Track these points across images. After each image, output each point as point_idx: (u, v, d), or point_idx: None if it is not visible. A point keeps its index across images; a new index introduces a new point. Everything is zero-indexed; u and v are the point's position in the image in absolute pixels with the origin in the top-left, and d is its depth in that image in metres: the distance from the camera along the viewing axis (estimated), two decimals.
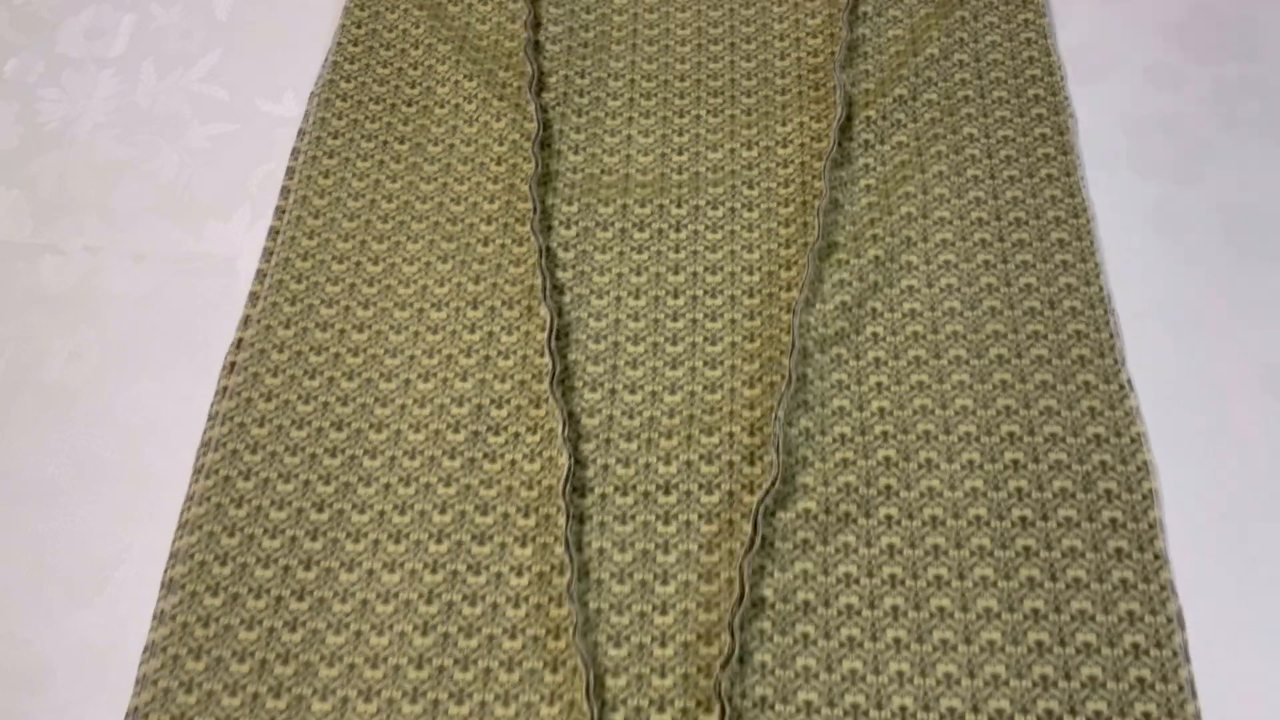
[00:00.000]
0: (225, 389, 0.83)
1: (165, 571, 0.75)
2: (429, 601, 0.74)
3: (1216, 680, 0.68)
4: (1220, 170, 0.90)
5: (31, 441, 0.81)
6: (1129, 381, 0.79)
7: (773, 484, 0.74)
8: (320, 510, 0.77)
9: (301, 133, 0.96)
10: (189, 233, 0.91)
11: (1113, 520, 0.74)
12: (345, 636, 0.72)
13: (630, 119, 0.96)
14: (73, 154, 0.96)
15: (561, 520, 0.74)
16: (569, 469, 0.76)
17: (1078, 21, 1.00)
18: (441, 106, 0.97)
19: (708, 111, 0.96)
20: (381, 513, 0.77)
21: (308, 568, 0.75)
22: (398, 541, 0.76)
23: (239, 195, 0.93)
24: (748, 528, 0.74)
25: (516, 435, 0.79)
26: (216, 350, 0.85)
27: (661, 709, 0.69)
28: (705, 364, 0.83)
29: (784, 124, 0.95)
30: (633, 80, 0.99)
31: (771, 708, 0.68)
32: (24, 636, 0.73)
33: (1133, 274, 0.85)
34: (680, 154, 0.94)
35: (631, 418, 0.80)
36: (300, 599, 0.74)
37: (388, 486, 0.78)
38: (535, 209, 0.88)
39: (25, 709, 0.70)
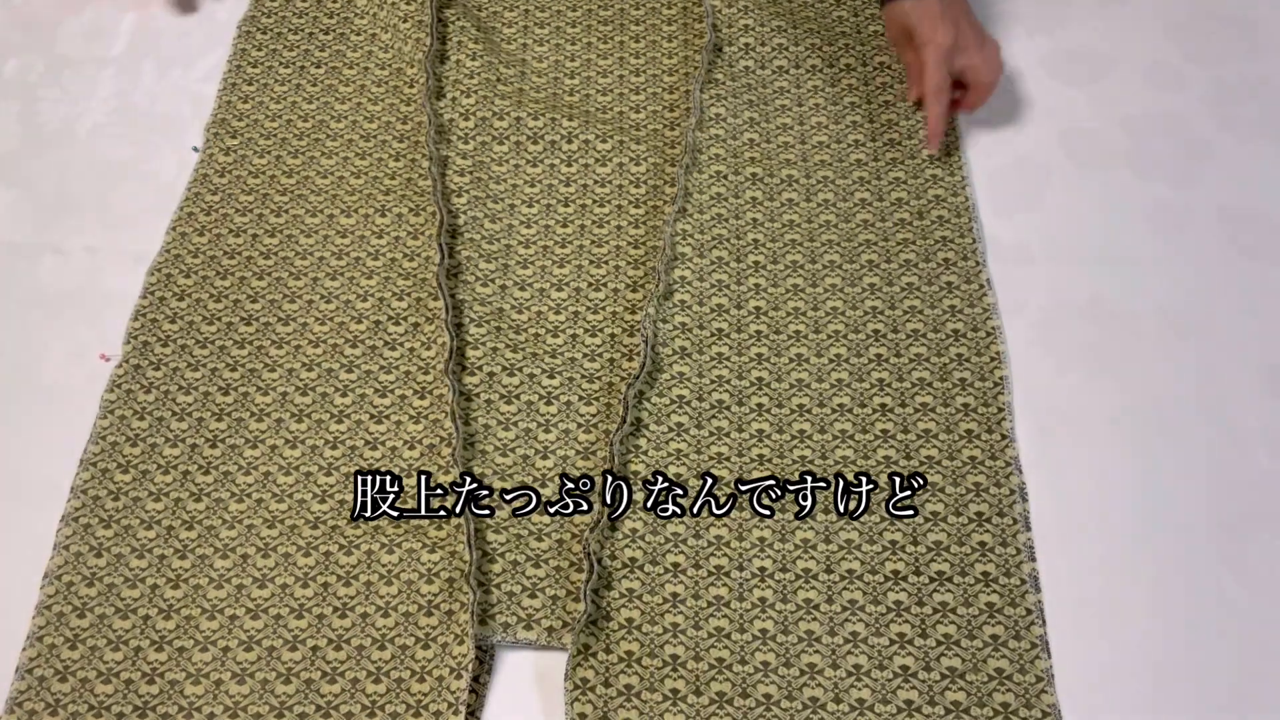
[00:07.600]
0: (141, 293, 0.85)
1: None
2: (328, 474, 0.77)
3: (1228, 687, 0.69)
4: (1220, 170, 0.91)
5: (31, 441, 0.79)
6: (989, 280, 0.84)
7: (641, 369, 0.78)
8: (226, 393, 0.80)
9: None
10: None
11: (965, 405, 0.79)
12: (238, 530, 0.75)
13: (525, 44, 1.00)
14: (73, 154, 0.95)
15: (450, 396, 0.77)
16: (451, 347, 0.80)
17: (1078, 22, 1.01)
18: (358, 34, 1.01)
19: (598, 39, 1.00)
20: (284, 394, 0.80)
21: (214, 445, 0.78)
22: (300, 420, 0.79)
23: None
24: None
25: (415, 325, 0.83)
26: None
27: (537, 565, 0.73)
28: (591, 263, 0.86)
29: (670, 56, 0.99)
30: (527, 10, 1.02)
31: (641, 569, 0.72)
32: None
33: (1133, 274, 0.85)
34: (572, 78, 0.98)
35: (520, 312, 0.84)
36: (206, 472, 0.77)
37: (291, 372, 0.81)
38: (430, 120, 0.92)
39: None
